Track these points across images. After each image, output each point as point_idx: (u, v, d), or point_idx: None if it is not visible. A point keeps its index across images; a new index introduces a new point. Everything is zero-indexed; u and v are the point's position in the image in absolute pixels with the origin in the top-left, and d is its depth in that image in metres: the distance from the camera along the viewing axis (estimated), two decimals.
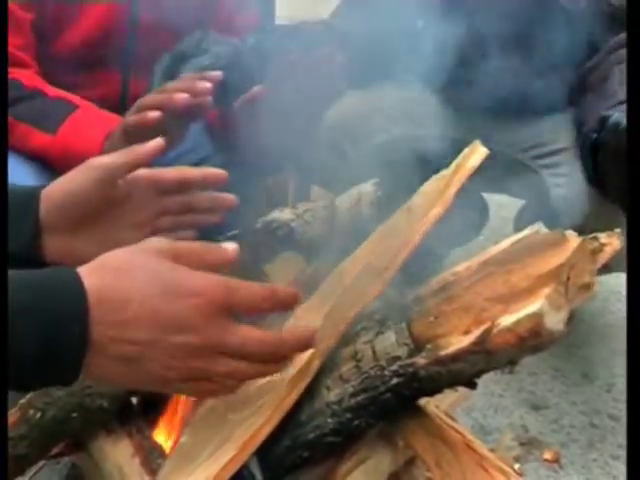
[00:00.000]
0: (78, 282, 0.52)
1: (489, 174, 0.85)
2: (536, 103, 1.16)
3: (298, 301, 0.61)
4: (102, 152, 0.97)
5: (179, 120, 0.93)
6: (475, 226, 1.58)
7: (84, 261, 0.55)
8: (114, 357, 0.53)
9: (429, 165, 0.97)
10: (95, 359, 0.52)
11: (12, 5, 1.08)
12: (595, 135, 0.96)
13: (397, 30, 1.15)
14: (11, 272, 0.51)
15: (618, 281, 1.62)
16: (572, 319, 0.54)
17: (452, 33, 1.11)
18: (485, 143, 1.00)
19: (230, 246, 0.60)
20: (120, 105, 1.20)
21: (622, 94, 0.99)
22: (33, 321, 0.50)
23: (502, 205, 1.82)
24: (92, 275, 0.53)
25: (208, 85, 0.90)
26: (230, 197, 0.77)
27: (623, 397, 1.44)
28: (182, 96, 0.88)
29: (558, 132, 1.15)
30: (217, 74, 0.92)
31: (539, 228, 0.62)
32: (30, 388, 0.57)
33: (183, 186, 0.76)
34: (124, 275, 0.54)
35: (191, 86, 0.90)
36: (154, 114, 0.87)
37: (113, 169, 0.70)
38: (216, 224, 0.79)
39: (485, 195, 1.55)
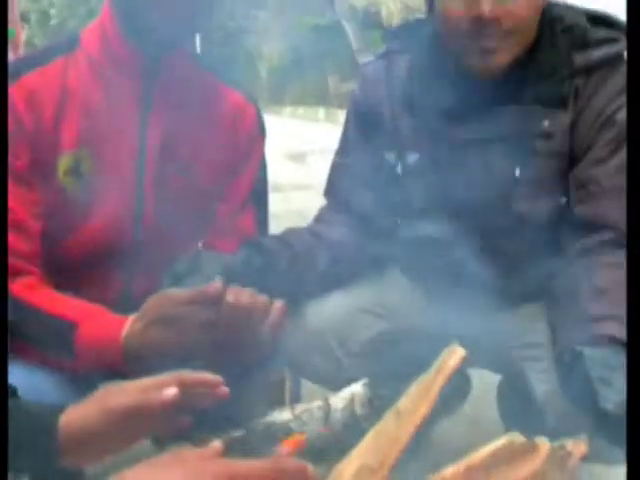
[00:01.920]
0: None
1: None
2: (512, 292, 1.22)
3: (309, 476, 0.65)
4: (125, 352, 1.04)
5: None
6: (458, 397, 1.64)
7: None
8: None
9: (414, 358, 1.06)
10: None
11: (22, 213, 1.13)
12: (567, 364, 0.98)
13: (377, 231, 1.28)
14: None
15: None
16: None
17: (429, 228, 1.24)
18: (464, 330, 1.11)
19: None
20: (123, 303, 1.24)
21: (593, 310, 1.02)
22: None
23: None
24: None
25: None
26: (224, 389, 0.86)
27: None
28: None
29: (537, 324, 1.20)
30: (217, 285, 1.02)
31: (514, 437, 0.70)
32: None
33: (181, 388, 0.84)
34: None
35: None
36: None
37: (129, 411, 0.79)
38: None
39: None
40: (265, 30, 16.78)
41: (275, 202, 1.47)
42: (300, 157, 8.62)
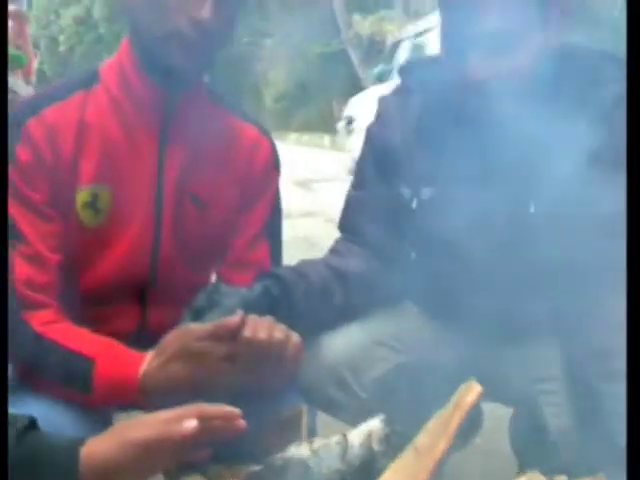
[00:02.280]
0: None
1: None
2: (526, 325, 1.23)
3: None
4: (142, 388, 1.05)
5: None
6: (471, 430, 1.64)
7: None
8: None
9: (428, 391, 1.07)
10: None
11: (39, 246, 1.14)
12: (584, 399, 1.00)
13: (392, 264, 1.29)
14: None
15: None
16: None
17: (443, 262, 1.25)
18: (479, 363, 1.11)
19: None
20: (138, 336, 1.26)
21: (608, 343, 1.02)
22: None
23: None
24: None
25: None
26: (241, 422, 0.87)
27: None
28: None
29: (551, 357, 1.19)
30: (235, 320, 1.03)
31: (534, 476, 0.71)
32: None
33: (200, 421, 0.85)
34: None
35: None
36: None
37: (150, 443, 0.80)
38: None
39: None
40: (271, 57, 16.96)
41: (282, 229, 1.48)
42: (306, 184, 8.67)
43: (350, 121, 9.44)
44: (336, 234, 1.42)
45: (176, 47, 1.12)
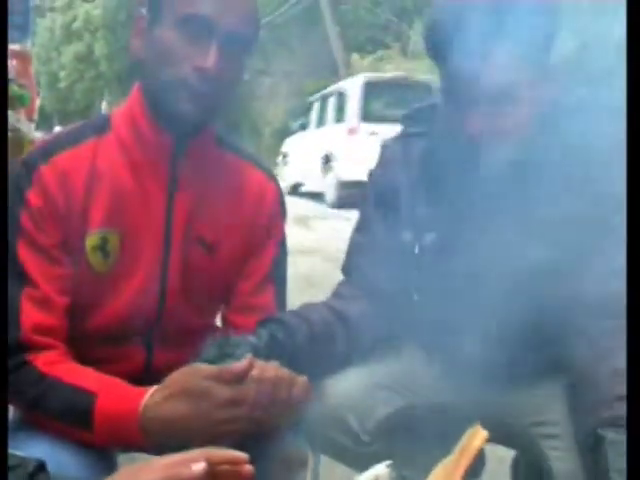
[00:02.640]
0: None
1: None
2: (528, 369, 1.24)
3: None
4: (142, 422, 1.04)
5: None
6: (473, 472, 1.64)
7: None
8: None
9: (432, 435, 1.07)
10: None
11: (47, 290, 1.15)
12: (589, 447, 1.00)
13: (394, 308, 1.31)
14: None
15: None
16: None
17: (445, 306, 1.27)
18: (480, 406, 1.12)
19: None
20: (143, 377, 1.25)
21: (614, 391, 1.03)
22: None
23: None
24: None
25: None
26: (248, 468, 0.87)
27: None
28: None
29: (553, 401, 1.21)
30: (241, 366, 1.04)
31: None
32: None
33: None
34: None
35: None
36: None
37: None
38: None
39: None
40: (270, 95, 17.14)
41: None
42: (303, 221, 8.69)
43: (285, 156, 13.68)
44: (333, 272, 1.44)
45: (182, 95, 1.14)
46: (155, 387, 1.08)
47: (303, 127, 13.13)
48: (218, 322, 1.41)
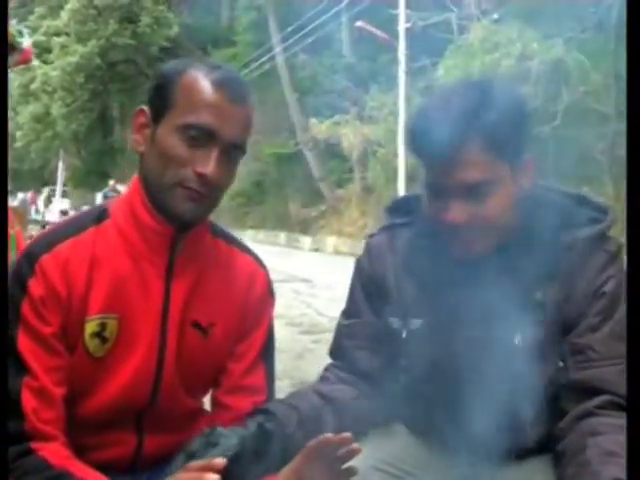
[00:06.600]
0: None
1: None
2: (520, 445, 1.28)
3: None
4: None
5: None
6: None
7: None
8: None
9: None
10: None
11: (45, 381, 1.17)
12: None
13: (382, 390, 1.35)
14: None
15: None
16: None
17: (433, 386, 1.31)
18: None
19: None
20: (133, 463, 1.29)
21: (604, 473, 1.08)
22: None
23: None
24: None
25: (215, 477, 1.00)
26: None
27: None
28: None
29: (541, 478, 1.25)
30: (221, 461, 1.04)
31: None
32: None
33: None
34: None
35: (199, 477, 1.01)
36: None
37: None
38: None
39: None
40: None
41: None
42: None
43: None
44: (298, 337, 1.47)
45: (181, 195, 1.21)
46: None
47: None
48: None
